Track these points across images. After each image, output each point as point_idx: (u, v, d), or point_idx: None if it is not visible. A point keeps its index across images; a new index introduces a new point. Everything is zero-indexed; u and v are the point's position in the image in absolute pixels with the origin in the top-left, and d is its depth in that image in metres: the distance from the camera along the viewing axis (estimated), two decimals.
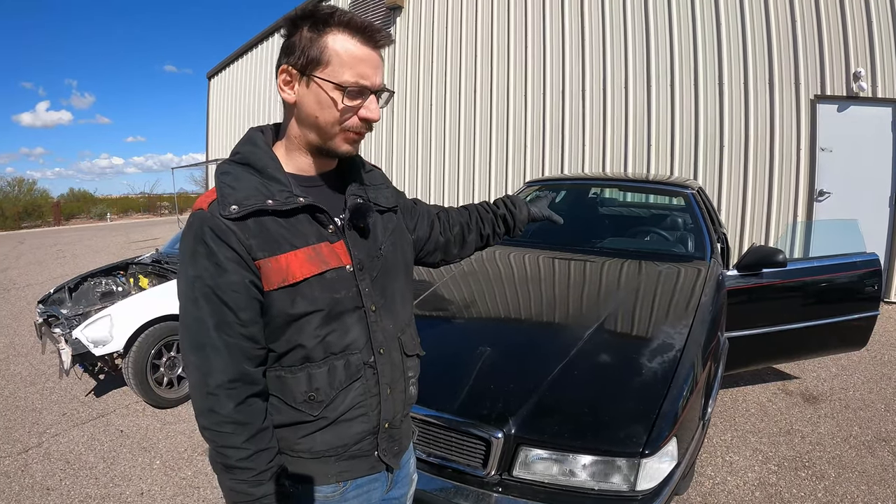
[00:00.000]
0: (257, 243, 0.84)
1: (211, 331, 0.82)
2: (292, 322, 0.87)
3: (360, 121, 0.88)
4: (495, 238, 1.36)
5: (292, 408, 0.91)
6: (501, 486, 1.54)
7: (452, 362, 1.86)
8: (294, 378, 0.90)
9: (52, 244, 12.35)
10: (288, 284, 0.85)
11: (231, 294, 0.82)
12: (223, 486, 0.88)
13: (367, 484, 1.01)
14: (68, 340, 3.09)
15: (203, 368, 0.83)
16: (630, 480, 1.47)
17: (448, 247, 1.28)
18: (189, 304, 0.84)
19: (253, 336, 0.85)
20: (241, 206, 0.83)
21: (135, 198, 28.33)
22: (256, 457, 0.85)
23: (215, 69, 14.61)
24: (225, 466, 0.85)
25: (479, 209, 1.35)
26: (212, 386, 0.83)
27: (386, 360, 0.98)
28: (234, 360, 0.84)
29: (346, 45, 0.84)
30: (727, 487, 2.45)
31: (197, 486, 2.52)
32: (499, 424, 1.54)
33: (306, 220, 0.89)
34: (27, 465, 2.72)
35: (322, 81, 0.84)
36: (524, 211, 1.37)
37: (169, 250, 4.41)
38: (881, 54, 5.28)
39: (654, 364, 1.76)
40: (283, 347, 0.89)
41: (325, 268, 0.89)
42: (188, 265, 0.83)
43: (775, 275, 2.85)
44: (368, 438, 0.98)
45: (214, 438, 0.85)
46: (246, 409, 0.85)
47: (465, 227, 1.30)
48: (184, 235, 0.86)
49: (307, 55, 0.84)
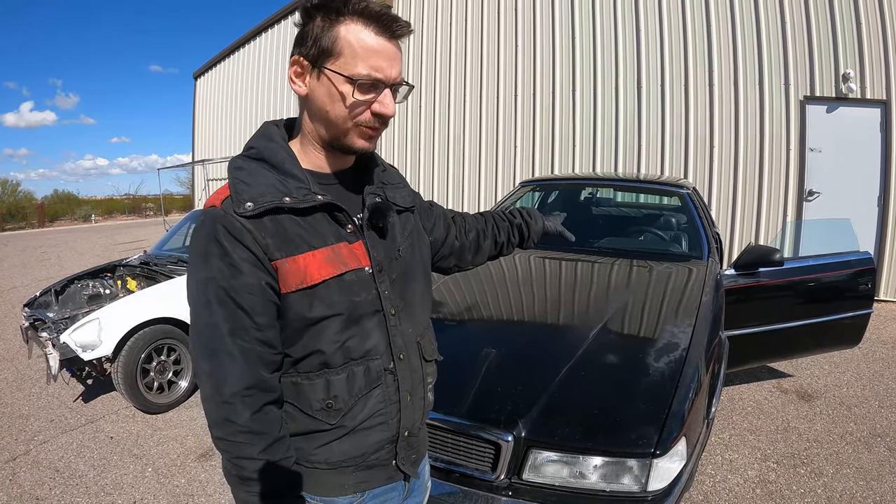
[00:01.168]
0: (274, 243, 0.79)
1: (225, 336, 0.78)
2: (310, 326, 0.83)
3: (374, 116, 0.83)
4: (509, 247, 1.34)
5: (308, 416, 0.87)
6: (511, 489, 1.51)
7: (458, 365, 1.83)
8: (311, 385, 0.86)
9: (37, 246, 12.14)
10: (306, 287, 0.81)
11: (246, 297, 0.78)
12: (238, 499, 0.84)
13: (385, 494, 0.97)
14: (56, 345, 3.00)
15: (217, 376, 0.79)
16: (641, 481, 1.46)
17: (463, 252, 1.25)
18: (201, 309, 0.79)
19: (269, 341, 0.81)
20: (256, 204, 0.78)
21: (119, 199, 28.01)
22: (272, 469, 0.81)
23: (202, 69, 14.45)
24: (240, 479, 0.81)
25: (496, 216, 1.34)
26: (227, 395, 0.78)
27: (406, 365, 0.94)
28: (250, 366, 0.79)
29: (359, 35, 0.78)
30: (728, 485, 2.46)
31: (191, 494, 2.46)
32: (508, 427, 1.52)
33: (324, 220, 0.85)
34: (15, 474, 2.64)
35: (333, 74, 0.79)
36: (539, 223, 1.38)
37: (157, 252, 4.33)
38: (870, 56, 5.36)
39: (660, 364, 1.75)
40: (301, 353, 0.84)
41: (345, 269, 0.85)
42: (200, 266, 0.78)
43: (772, 274, 2.87)
44: (387, 447, 0.94)
45: (229, 449, 0.80)
46: (262, 418, 0.80)
47: (480, 234, 1.28)
48: (195, 234, 0.81)
49: (319, 45, 0.79)
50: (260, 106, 11.79)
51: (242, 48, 12.58)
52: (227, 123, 13.17)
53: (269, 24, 11.59)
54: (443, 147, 8.27)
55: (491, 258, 1.34)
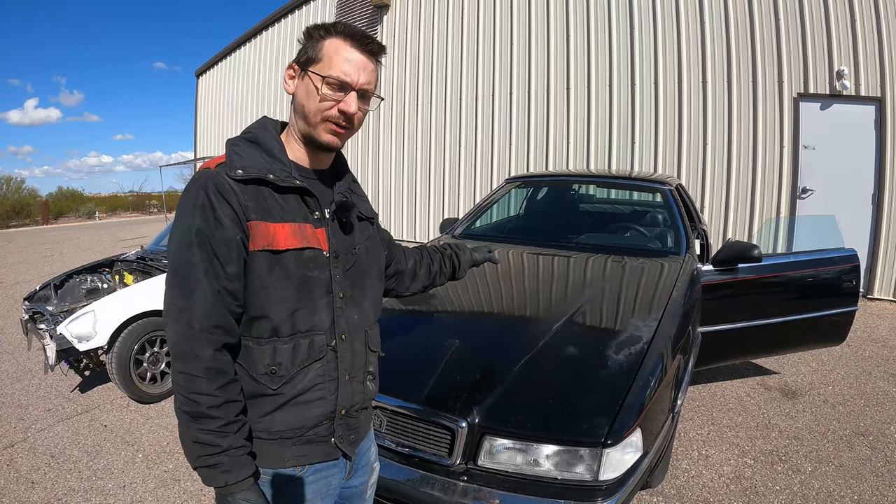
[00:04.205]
0: (253, 206, 0.93)
1: (201, 276, 0.88)
2: (266, 288, 0.94)
3: (339, 113, 0.97)
4: (441, 277, 1.49)
5: (253, 379, 0.96)
6: (467, 474, 1.56)
7: (421, 354, 1.90)
8: (260, 350, 0.95)
9: (41, 243, 12.28)
10: (270, 249, 0.93)
11: (223, 248, 0.89)
12: (186, 441, 0.89)
13: (325, 470, 1.04)
14: (53, 336, 3.10)
15: (189, 312, 0.88)
16: (593, 470, 1.49)
17: (401, 277, 1.38)
18: (183, 250, 0.89)
19: (235, 291, 0.92)
20: (246, 171, 0.93)
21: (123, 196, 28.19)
22: (226, 406, 0.88)
23: (204, 67, 14.50)
24: (192, 415, 0.87)
25: (430, 249, 1.50)
26: (195, 329, 0.87)
27: (347, 346, 1.04)
28: (219, 307, 0.89)
29: (338, 47, 0.96)
30: (702, 481, 2.47)
31: (178, 479, 2.55)
32: (463, 414, 1.57)
33: (297, 202, 0.99)
34: (13, 460, 2.73)
35: (313, 75, 0.96)
36: (467, 254, 1.56)
37: (154, 247, 4.41)
38: (864, 53, 5.33)
39: (620, 356, 1.79)
40: (255, 312, 0.94)
41: (306, 245, 0.97)
42: (188, 214, 0.89)
43: (751, 270, 2.87)
44: (325, 423, 1.02)
45: (187, 384, 0.87)
46: (221, 357, 0.90)
47: (417, 263, 1.42)
48: (188, 187, 0.93)
49: (308, 55, 0.97)
50: (261, 103, 11.85)
51: (244, 46, 12.62)
52: (229, 121, 13.24)
53: (270, 21, 11.61)
54: (439, 145, 8.32)
55: (426, 288, 1.46)
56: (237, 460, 0.88)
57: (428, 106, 8.41)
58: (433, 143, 8.37)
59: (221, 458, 0.87)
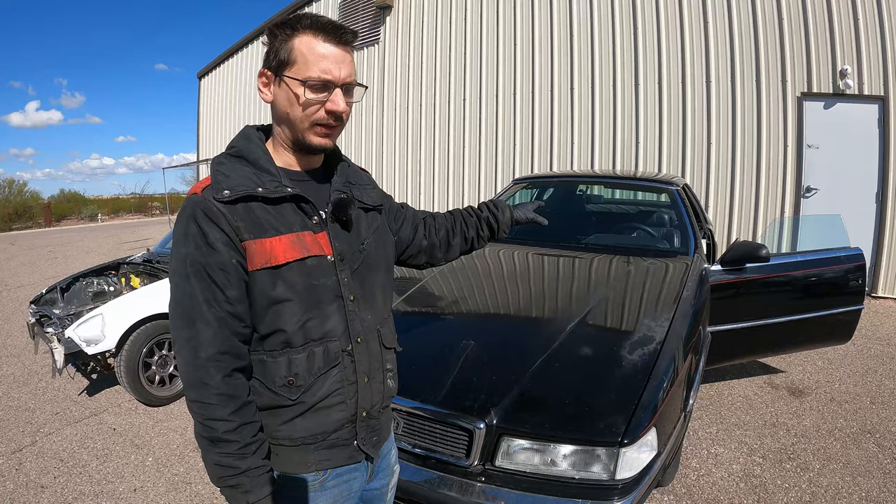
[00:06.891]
0: (245, 226, 0.89)
1: (202, 305, 0.88)
2: (273, 305, 0.92)
3: (328, 113, 0.93)
4: (479, 241, 1.40)
5: (272, 391, 0.95)
6: (484, 475, 1.57)
7: (438, 355, 1.90)
8: (275, 362, 0.94)
9: (44, 245, 12.30)
10: (270, 266, 0.90)
11: (219, 272, 0.88)
12: (208, 464, 0.91)
13: (347, 473, 1.04)
14: (61, 340, 3.10)
15: (194, 341, 0.88)
16: (610, 469, 1.50)
17: (433, 250, 1.33)
18: (181, 281, 0.89)
19: (239, 314, 0.90)
20: (232, 192, 0.89)
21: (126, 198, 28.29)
22: (241, 429, 0.88)
23: (206, 68, 14.51)
24: (210, 440, 0.88)
25: (464, 213, 1.40)
26: (202, 358, 0.87)
27: (363, 349, 1.02)
28: (223, 333, 0.88)
29: (310, 44, 0.90)
30: (712, 479, 2.48)
31: (189, 482, 2.55)
32: (481, 415, 1.58)
33: (292, 210, 0.95)
34: (21, 464, 2.73)
35: (290, 80, 0.90)
36: (507, 214, 1.42)
37: (160, 250, 4.41)
38: (867, 52, 5.34)
39: (634, 356, 1.80)
40: (265, 330, 0.93)
41: (307, 254, 0.94)
42: (181, 244, 0.89)
43: (759, 269, 2.87)
44: (347, 427, 1.01)
45: (202, 411, 0.88)
46: (232, 382, 0.89)
47: (450, 232, 1.36)
48: (178, 217, 0.91)
49: (278, 57, 0.91)
50: (263, 105, 11.83)
51: (246, 48, 12.64)
52: (231, 122, 13.25)
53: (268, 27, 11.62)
54: (443, 146, 8.32)
55: (464, 253, 1.40)
56: (256, 480, 0.90)
57: (431, 107, 8.41)
58: (437, 145, 8.38)
59: (241, 479, 0.89)
